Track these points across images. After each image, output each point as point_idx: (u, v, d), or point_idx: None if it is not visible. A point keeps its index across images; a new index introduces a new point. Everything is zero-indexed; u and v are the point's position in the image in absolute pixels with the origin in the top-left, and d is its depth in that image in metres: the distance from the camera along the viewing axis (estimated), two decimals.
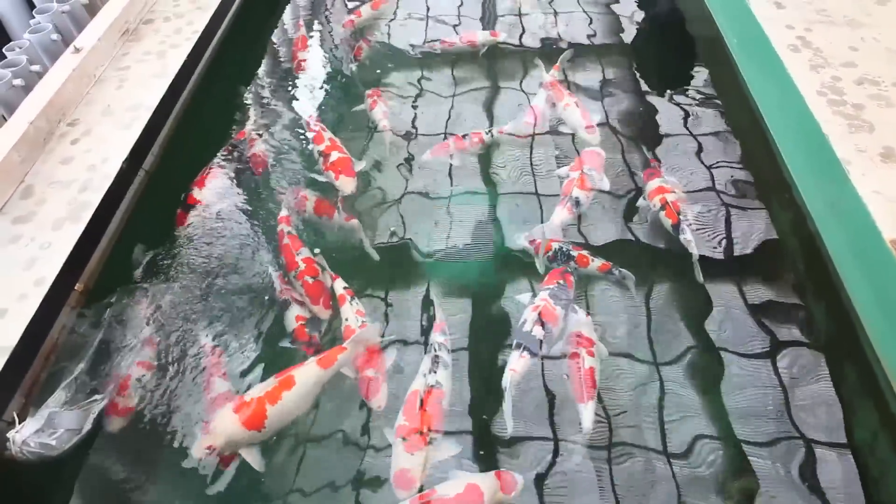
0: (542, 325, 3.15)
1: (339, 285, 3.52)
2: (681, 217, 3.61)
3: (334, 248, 3.82)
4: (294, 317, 3.35)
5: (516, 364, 3.04)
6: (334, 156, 4.13)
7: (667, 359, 3.21)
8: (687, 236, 3.53)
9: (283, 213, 3.89)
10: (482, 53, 5.32)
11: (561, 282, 3.37)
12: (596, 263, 3.53)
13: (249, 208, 4.05)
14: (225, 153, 4.39)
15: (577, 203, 3.80)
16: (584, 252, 3.59)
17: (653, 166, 4.05)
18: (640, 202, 3.93)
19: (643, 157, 4.22)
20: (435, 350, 3.12)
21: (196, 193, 4.03)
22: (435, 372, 3.02)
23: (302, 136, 4.58)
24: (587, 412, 2.90)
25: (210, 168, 4.24)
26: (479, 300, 3.55)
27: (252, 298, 3.50)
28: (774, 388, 3.05)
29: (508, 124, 4.51)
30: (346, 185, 4.00)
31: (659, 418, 2.98)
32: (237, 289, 3.54)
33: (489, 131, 4.45)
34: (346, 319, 3.34)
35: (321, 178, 4.12)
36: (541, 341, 3.11)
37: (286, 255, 3.65)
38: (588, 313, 3.32)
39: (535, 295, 3.37)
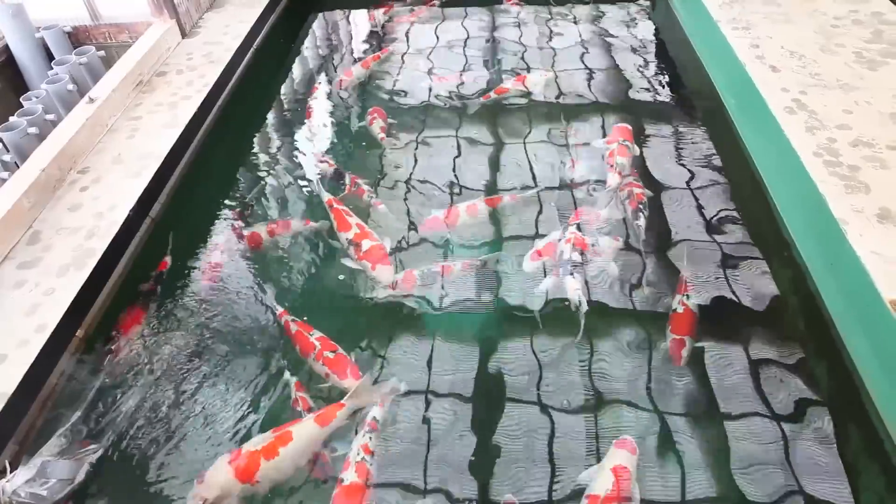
0: (578, 251, 3.82)
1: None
2: (639, 205, 4.13)
3: (328, 301, 3.85)
4: None
5: (574, 283, 3.63)
6: (366, 244, 3.89)
7: (665, 415, 3.17)
8: (639, 222, 4.05)
9: (279, 309, 3.67)
10: (543, 96, 5.53)
11: (585, 217, 4.10)
12: (458, 266, 3.95)
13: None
14: (153, 282, 3.82)
15: (623, 167, 4.44)
16: (446, 263, 3.99)
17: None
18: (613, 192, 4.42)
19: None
20: None
21: (123, 342, 3.46)
22: None
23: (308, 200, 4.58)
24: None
25: (134, 307, 3.64)
26: (481, 353, 3.53)
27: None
28: (776, 449, 3.00)
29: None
30: (385, 275, 3.79)
31: (659, 474, 2.94)
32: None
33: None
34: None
35: (353, 266, 3.89)
36: (580, 263, 3.78)
37: (300, 341, 3.46)
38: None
39: (564, 232, 3.97)
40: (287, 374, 3.36)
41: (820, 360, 3.34)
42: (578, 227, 4.04)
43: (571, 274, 3.71)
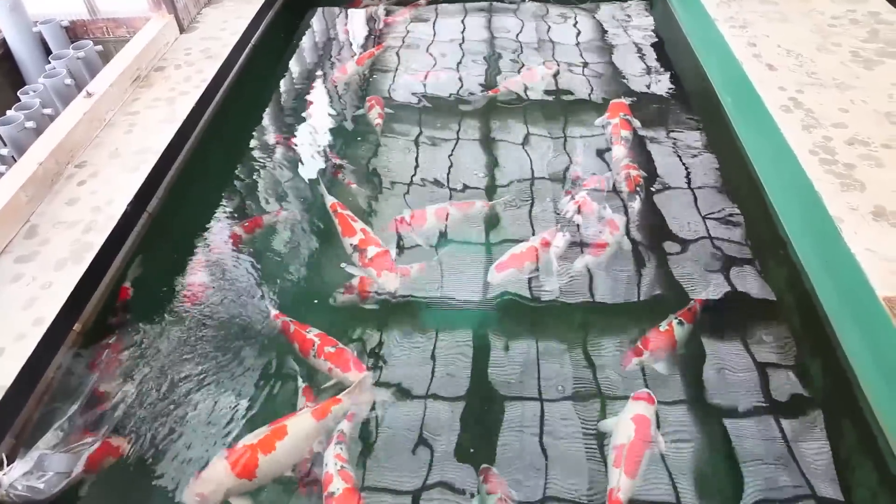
0: (580, 213, 4.14)
1: None
2: (637, 188, 4.35)
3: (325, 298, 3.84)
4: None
5: (559, 242, 3.93)
6: (371, 251, 3.84)
7: (661, 414, 3.19)
8: (635, 204, 4.26)
9: (274, 311, 3.62)
10: (543, 92, 5.61)
11: (598, 185, 4.38)
12: (416, 267, 3.96)
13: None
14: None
15: (627, 140, 4.74)
16: (403, 266, 3.94)
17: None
18: (611, 174, 4.59)
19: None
20: None
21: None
22: None
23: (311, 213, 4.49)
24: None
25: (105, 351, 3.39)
26: (476, 348, 3.54)
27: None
28: (769, 446, 3.02)
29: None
30: (391, 282, 3.75)
31: (649, 471, 2.95)
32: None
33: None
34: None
35: (357, 272, 3.85)
36: (578, 225, 4.11)
37: (299, 339, 3.43)
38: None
39: (574, 194, 4.29)
40: (299, 381, 3.32)
41: (815, 357, 3.36)
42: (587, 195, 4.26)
43: (564, 233, 3.98)
